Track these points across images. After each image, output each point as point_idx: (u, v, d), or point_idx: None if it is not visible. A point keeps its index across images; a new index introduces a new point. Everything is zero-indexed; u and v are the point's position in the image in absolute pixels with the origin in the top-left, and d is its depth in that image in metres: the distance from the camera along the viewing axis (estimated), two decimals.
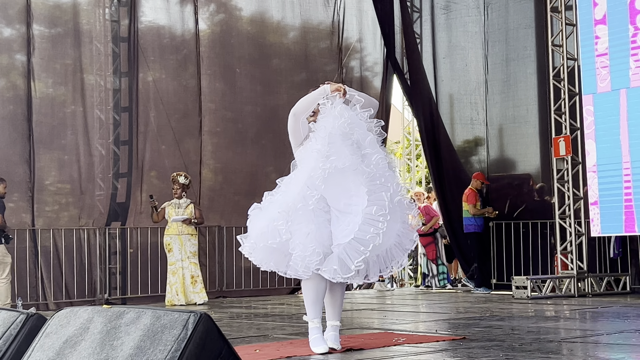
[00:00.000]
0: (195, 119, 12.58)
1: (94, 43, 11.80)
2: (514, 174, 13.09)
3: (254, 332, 6.92)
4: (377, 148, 5.65)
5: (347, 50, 14.17)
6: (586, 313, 8.74)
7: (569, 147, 11.07)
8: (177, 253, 10.89)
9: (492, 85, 13.20)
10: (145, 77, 12.13)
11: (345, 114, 5.62)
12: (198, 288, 10.91)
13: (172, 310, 3.00)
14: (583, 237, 11.18)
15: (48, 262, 11.08)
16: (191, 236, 11.01)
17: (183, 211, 11.01)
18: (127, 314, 3.02)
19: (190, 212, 11.05)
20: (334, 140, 5.53)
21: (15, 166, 11.05)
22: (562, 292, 10.96)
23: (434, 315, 8.88)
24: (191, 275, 10.89)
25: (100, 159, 11.76)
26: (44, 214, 11.26)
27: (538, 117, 12.64)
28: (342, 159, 5.48)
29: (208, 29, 12.96)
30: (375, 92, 14.35)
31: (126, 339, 2.91)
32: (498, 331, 6.84)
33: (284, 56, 13.56)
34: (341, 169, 5.49)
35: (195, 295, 10.88)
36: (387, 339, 6.44)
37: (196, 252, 11.10)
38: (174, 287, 10.82)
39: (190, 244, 10.98)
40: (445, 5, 13.90)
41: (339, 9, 14.07)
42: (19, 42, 11.25)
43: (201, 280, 11.01)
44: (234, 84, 12.96)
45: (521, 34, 12.82)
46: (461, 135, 13.75)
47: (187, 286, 10.87)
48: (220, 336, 2.99)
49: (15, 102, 11.16)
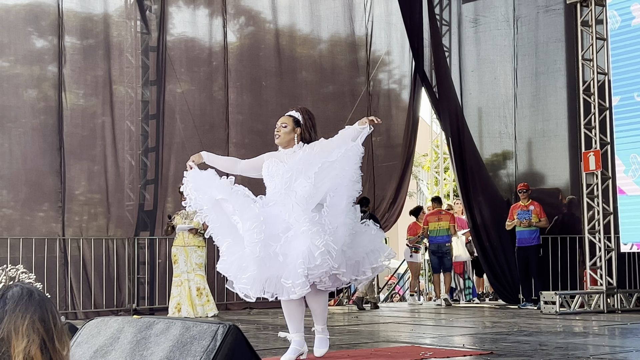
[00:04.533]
0: (222, 131, 12.64)
1: (124, 55, 11.92)
2: (542, 188, 12.99)
3: (281, 344, 6.92)
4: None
5: (375, 63, 14.19)
6: (615, 329, 8.64)
7: (599, 161, 10.98)
8: (183, 265, 10.68)
9: (521, 99, 13.13)
10: (174, 88, 12.23)
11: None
12: (204, 300, 10.63)
13: (201, 322, 3.02)
14: (613, 252, 11.07)
15: (77, 272, 11.17)
16: (198, 248, 10.79)
17: (190, 221, 10.77)
18: (157, 324, 3.04)
19: (198, 222, 10.64)
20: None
21: (45, 176, 11.17)
22: (591, 308, 10.85)
23: (461, 330, 8.83)
24: (197, 288, 10.65)
25: (130, 170, 11.85)
26: (73, 224, 11.36)
27: (567, 131, 12.55)
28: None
29: (237, 42, 13.04)
30: (403, 105, 14.36)
31: (156, 350, 2.93)
32: (526, 346, 6.78)
33: (311, 69, 13.61)
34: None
35: (201, 308, 10.60)
36: (414, 353, 6.41)
37: (202, 264, 10.84)
38: (175, 300, 10.59)
39: (197, 255, 10.75)
40: (474, 19, 13.87)
41: (368, 22, 14.09)
42: (51, 54, 11.39)
43: (208, 292, 10.74)
44: (260, 96, 13.01)
45: (551, 48, 12.75)
46: (489, 149, 13.68)
47: (194, 298, 10.60)
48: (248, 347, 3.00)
49: (47, 113, 11.29)
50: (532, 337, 7.66)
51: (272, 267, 5.71)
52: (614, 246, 11.02)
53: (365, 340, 7.66)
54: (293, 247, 5.67)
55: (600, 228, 11.05)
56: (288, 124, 6.09)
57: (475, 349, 6.69)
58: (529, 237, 12.01)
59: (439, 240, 13.13)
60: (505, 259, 12.78)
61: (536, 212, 12.00)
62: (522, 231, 12.04)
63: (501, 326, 8.93)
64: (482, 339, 7.66)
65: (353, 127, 6.10)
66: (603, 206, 11.07)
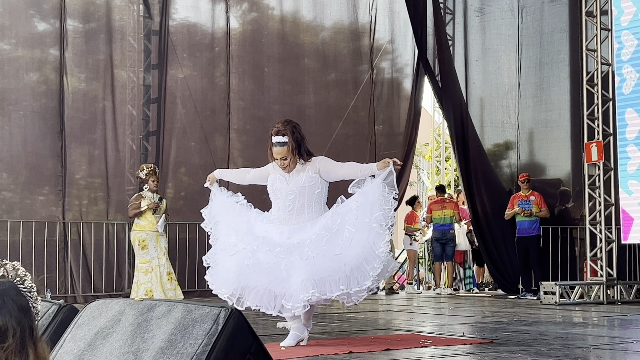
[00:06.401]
0: (223, 117, 12.61)
1: (126, 39, 11.87)
2: (543, 179, 12.97)
3: (281, 330, 6.91)
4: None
5: (378, 51, 14.13)
6: (615, 320, 8.63)
7: (601, 152, 10.95)
8: (153, 250, 10.20)
9: (524, 89, 13.09)
10: (176, 73, 12.19)
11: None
12: (174, 284, 10.32)
13: (203, 305, 3.00)
14: (613, 244, 11.06)
15: (77, 256, 11.16)
16: (164, 232, 10.44)
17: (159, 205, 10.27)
18: (159, 307, 3.02)
19: (164, 207, 10.40)
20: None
21: (45, 160, 11.14)
22: (591, 299, 10.85)
23: (461, 319, 8.83)
24: (168, 272, 10.31)
25: (131, 154, 11.83)
26: (73, 208, 11.34)
27: (570, 121, 12.52)
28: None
29: (240, 28, 12.99)
30: (405, 94, 14.32)
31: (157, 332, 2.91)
32: (526, 336, 6.77)
33: (313, 56, 13.56)
34: None
35: (172, 292, 10.27)
36: (414, 340, 6.40)
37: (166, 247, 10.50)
38: (144, 286, 10.13)
39: (164, 239, 10.40)
40: (479, 8, 13.82)
41: (371, 10, 14.03)
42: (52, 37, 11.35)
43: (175, 277, 10.44)
44: (262, 83, 12.98)
45: (555, 38, 12.71)
46: (492, 139, 13.65)
47: (165, 284, 10.26)
48: (250, 332, 2.98)
49: (48, 96, 11.25)
50: (532, 326, 7.66)
51: (263, 277, 5.89)
52: (614, 237, 11.01)
53: (365, 328, 7.66)
54: (298, 269, 5.79)
55: (602, 219, 11.04)
56: (287, 154, 6.11)
57: (475, 338, 6.69)
58: (529, 227, 12.01)
59: (444, 228, 13.15)
60: (505, 249, 12.77)
61: (537, 202, 11.99)
62: (522, 221, 12.04)
63: (501, 316, 8.92)
64: (482, 328, 7.65)
65: (370, 166, 6.11)
66: (604, 197, 11.05)
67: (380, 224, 5.88)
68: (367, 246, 5.88)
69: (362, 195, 5.97)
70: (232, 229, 6.14)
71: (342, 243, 5.85)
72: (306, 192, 6.04)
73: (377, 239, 5.86)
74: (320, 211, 6.10)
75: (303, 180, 6.05)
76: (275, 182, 6.17)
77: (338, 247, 5.84)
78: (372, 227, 5.87)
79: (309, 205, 6.07)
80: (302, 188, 6.05)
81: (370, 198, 5.91)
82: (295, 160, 6.12)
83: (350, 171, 6.13)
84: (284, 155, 6.09)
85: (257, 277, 5.87)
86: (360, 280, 5.85)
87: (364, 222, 5.88)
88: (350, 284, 5.82)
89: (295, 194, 6.05)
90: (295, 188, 6.05)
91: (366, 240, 5.87)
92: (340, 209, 6.00)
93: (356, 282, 5.84)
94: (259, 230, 6.07)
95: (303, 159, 6.13)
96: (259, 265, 5.87)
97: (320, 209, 6.12)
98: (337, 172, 6.14)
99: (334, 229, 5.88)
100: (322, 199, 6.17)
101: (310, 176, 6.06)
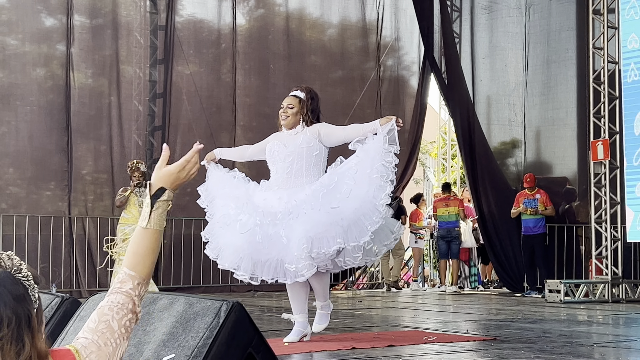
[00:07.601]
0: (229, 113, 12.62)
1: (133, 34, 11.89)
2: (550, 177, 12.95)
3: (284, 326, 6.92)
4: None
5: (385, 48, 14.12)
6: (619, 319, 8.62)
7: (607, 150, 10.92)
8: None
9: (531, 87, 13.07)
10: (182, 69, 12.20)
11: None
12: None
13: (205, 298, 3.01)
14: (619, 242, 11.04)
15: (82, 251, 11.19)
16: None
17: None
18: (161, 300, 3.03)
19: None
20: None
21: (51, 155, 11.17)
22: (596, 297, 10.83)
23: (465, 316, 8.82)
24: None
25: (137, 150, 11.84)
26: (79, 203, 11.37)
27: (577, 120, 12.49)
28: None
29: (246, 24, 12.99)
30: (411, 91, 14.30)
31: (159, 325, 2.92)
32: (529, 333, 6.77)
33: (320, 53, 13.56)
34: None
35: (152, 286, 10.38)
36: (418, 337, 6.40)
37: None
38: None
39: None
40: (486, 5, 13.79)
41: (378, 7, 14.02)
42: (59, 33, 11.37)
43: None
44: (268, 80, 12.97)
45: (562, 36, 12.68)
46: (498, 137, 13.63)
47: None
48: (251, 325, 2.98)
49: (54, 92, 11.28)
50: (536, 324, 7.65)
51: (272, 249, 5.72)
52: (620, 236, 10.99)
53: (369, 324, 7.66)
54: (295, 230, 5.65)
55: (607, 218, 11.01)
56: (294, 105, 6.06)
57: (479, 335, 6.68)
58: (535, 225, 11.99)
59: (448, 225, 13.14)
60: (511, 247, 12.76)
61: (542, 200, 11.97)
62: (528, 220, 12.02)
63: (505, 313, 8.92)
64: (486, 325, 7.65)
65: (372, 124, 5.91)
66: (610, 196, 11.02)
67: (381, 175, 5.62)
68: (367, 200, 5.62)
69: (363, 152, 5.76)
70: (231, 199, 5.96)
71: (340, 196, 5.62)
72: (304, 154, 5.88)
73: (377, 191, 5.61)
74: (319, 175, 5.90)
75: (301, 140, 5.92)
76: (273, 148, 6.06)
77: (335, 200, 5.62)
78: (372, 178, 5.63)
79: (307, 168, 5.90)
80: (300, 149, 5.88)
81: (372, 153, 5.70)
82: (298, 117, 6.01)
83: (352, 132, 5.93)
84: (291, 104, 6.03)
85: (266, 250, 5.72)
86: (358, 236, 5.63)
87: (364, 174, 5.65)
88: (347, 239, 5.60)
89: (294, 155, 5.90)
90: (294, 149, 5.90)
91: (365, 194, 5.63)
92: (340, 168, 5.81)
93: (354, 237, 5.61)
94: (258, 198, 5.88)
95: (306, 123, 6.02)
96: (268, 238, 5.71)
97: (319, 173, 5.92)
98: (339, 134, 5.97)
99: (332, 185, 5.69)
100: (322, 163, 5.98)
101: (308, 137, 5.93)
